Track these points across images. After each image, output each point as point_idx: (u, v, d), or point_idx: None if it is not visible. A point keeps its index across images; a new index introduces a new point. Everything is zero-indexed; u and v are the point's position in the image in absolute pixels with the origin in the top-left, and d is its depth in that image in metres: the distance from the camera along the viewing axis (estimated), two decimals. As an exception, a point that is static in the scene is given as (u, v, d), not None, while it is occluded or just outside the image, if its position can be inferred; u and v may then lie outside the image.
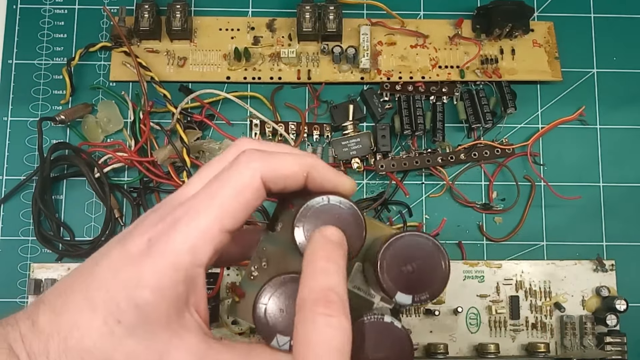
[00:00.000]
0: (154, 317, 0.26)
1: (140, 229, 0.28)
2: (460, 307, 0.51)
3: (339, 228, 0.29)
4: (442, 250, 0.29)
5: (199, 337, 0.27)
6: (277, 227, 0.32)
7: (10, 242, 0.54)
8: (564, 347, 0.51)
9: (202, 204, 0.28)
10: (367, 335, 0.28)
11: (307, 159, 0.30)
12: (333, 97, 0.57)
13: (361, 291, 0.32)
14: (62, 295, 0.28)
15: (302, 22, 0.55)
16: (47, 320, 0.27)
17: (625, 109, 0.58)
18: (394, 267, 0.29)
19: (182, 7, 0.55)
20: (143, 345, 0.26)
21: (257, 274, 0.31)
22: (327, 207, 0.29)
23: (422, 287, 0.29)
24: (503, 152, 0.55)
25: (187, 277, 0.27)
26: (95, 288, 0.27)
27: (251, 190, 0.28)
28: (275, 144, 0.32)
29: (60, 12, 0.58)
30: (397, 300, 0.29)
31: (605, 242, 0.55)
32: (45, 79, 0.57)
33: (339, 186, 0.30)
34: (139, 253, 0.27)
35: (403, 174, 0.56)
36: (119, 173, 0.55)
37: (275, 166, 0.29)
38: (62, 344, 0.26)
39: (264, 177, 0.28)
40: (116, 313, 0.26)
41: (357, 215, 0.29)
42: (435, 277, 0.29)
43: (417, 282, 0.29)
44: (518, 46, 0.57)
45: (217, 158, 0.31)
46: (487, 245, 0.55)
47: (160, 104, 0.55)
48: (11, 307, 0.52)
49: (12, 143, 0.56)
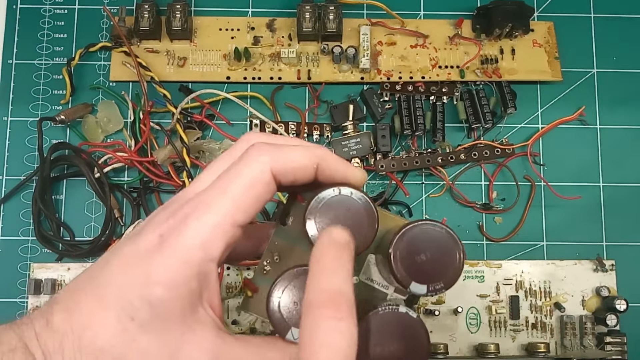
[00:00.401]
0: (167, 314, 0.26)
1: (151, 225, 0.28)
2: (460, 307, 0.51)
3: (351, 219, 0.29)
4: (456, 239, 0.29)
5: (213, 332, 0.27)
6: (288, 220, 0.32)
7: (10, 242, 0.54)
8: (564, 347, 0.51)
9: (212, 198, 0.28)
10: (382, 326, 0.28)
11: (317, 151, 0.29)
12: (333, 97, 0.57)
13: (374, 283, 0.32)
14: (74, 294, 0.28)
15: (302, 22, 0.55)
16: (60, 320, 0.27)
17: (625, 109, 0.58)
18: (407, 257, 0.28)
19: (182, 7, 0.55)
20: (157, 342, 0.26)
21: (269, 269, 0.31)
22: (338, 198, 0.29)
23: (437, 276, 0.28)
24: (503, 152, 0.55)
25: (200, 272, 0.27)
26: (107, 286, 0.27)
27: (262, 184, 0.28)
28: (284, 137, 0.32)
29: (60, 12, 0.58)
30: (411, 291, 0.28)
31: (605, 242, 0.55)
32: (45, 79, 0.57)
33: (349, 177, 0.30)
34: (150, 249, 0.27)
35: (403, 174, 0.56)
36: (119, 173, 0.55)
37: (285, 159, 0.28)
38: (76, 343, 0.26)
39: (274, 170, 0.28)
40: (129, 310, 0.26)
41: (369, 206, 0.29)
42: (450, 266, 0.28)
43: (431, 271, 0.28)
44: (518, 46, 0.57)
45: (226, 153, 0.30)
46: (487, 245, 0.55)
47: (160, 104, 0.55)
48: (11, 307, 0.52)
49: (12, 143, 0.56)
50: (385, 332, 0.28)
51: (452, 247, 0.29)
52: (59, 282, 0.51)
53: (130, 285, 0.27)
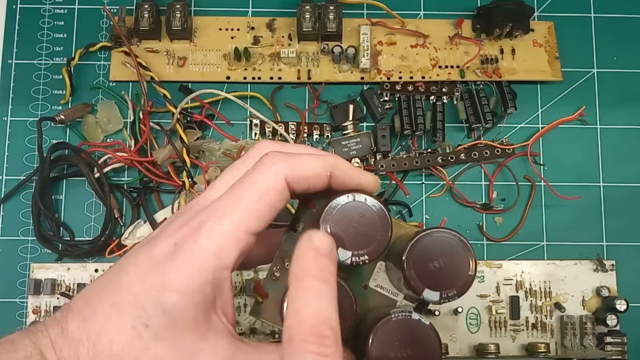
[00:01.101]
0: (182, 321, 0.26)
1: (165, 233, 0.28)
2: (460, 307, 0.51)
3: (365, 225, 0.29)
4: (469, 246, 0.29)
5: (227, 340, 0.27)
6: (298, 227, 0.32)
7: (10, 242, 0.54)
8: (564, 347, 0.51)
9: (227, 206, 0.28)
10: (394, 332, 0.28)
11: (330, 159, 0.30)
12: (333, 97, 0.57)
13: (384, 290, 0.32)
14: (89, 302, 0.28)
15: (302, 22, 0.55)
16: (76, 327, 0.27)
17: (625, 109, 0.58)
18: (420, 264, 0.29)
19: (182, 7, 0.55)
20: (171, 350, 0.26)
21: (279, 275, 0.32)
22: (353, 204, 0.29)
23: (450, 283, 0.29)
24: (503, 152, 0.55)
25: (214, 280, 0.27)
26: (122, 293, 0.27)
27: (275, 192, 0.28)
28: (297, 145, 0.32)
29: (60, 12, 0.58)
30: (424, 298, 0.29)
31: (605, 242, 0.55)
32: (45, 79, 0.57)
33: (362, 184, 0.30)
34: (164, 257, 0.27)
35: (403, 174, 0.56)
36: (118, 173, 0.55)
37: (298, 167, 0.29)
38: (91, 350, 0.26)
39: (287, 179, 0.28)
40: (144, 317, 0.26)
41: (383, 213, 0.29)
42: (462, 274, 0.29)
43: (444, 278, 0.29)
44: (518, 46, 0.57)
45: (239, 161, 0.31)
46: (487, 245, 0.55)
47: (160, 104, 0.55)
48: (11, 307, 0.52)
49: (12, 143, 0.56)
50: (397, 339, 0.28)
51: (464, 255, 0.29)
52: (58, 282, 0.51)
53: (145, 292, 0.27)
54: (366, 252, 0.29)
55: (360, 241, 0.29)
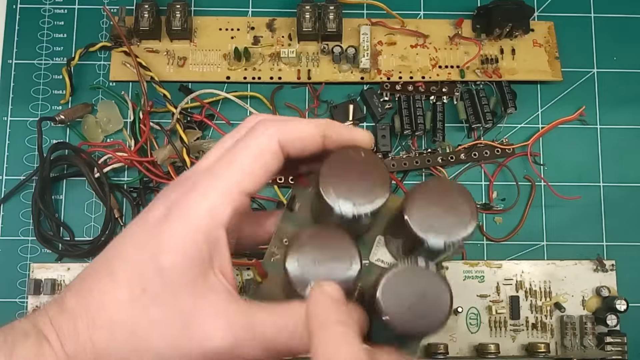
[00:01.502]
0: (178, 282, 0.26)
1: (159, 200, 0.29)
2: (460, 307, 0.51)
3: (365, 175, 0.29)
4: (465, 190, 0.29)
5: (226, 299, 0.27)
6: (295, 206, 0.32)
7: (10, 242, 0.54)
8: (564, 347, 0.51)
9: (220, 168, 0.28)
10: (402, 280, 0.27)
11: (322, 121, 0.30)
12: (333, 97, 0.57)
13: (385, 263, 0.32)
14: (86, 278, 0.28)
15: (302, 22, 0.55)
16: (74, 302, 0.27)
17: (625, 109, 0.58)
18: (422, 208, 0.28)
19: (182, 7, 0.55)
20: (170, 312, 0.26)
21: (278, 254, 0.32)
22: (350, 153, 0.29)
23: (454, 229, 0.28)
24: (503, 152, 0.55)
25: (209, 239, 0.27)
26: (118, 262, 0.27)
27: (269, 154, 0.28)
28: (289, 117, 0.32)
29: (60, 12, 0.58)
30: (429, 245, 0.28)
31: (605, 242, 0.55)
32: (45, 79, 0.57)
33: (357, 139, 0.30)
34: (158, 221, 0.27)
35: (403, 174, 0.56)
36: (118, 173, 0.55)
37: (291, 129, 0.29)
38: (90, 324, 0.26)
39: (281, 141, 0.28)
40: (140, 282, 0.26)
41: (378, 160, 0.29)
42: (465, 219, 0.29)
43: (447, 225, 0.28)
44: (518, 46, 0.57)
45: (232, 132, 0.31)
46: (487, 245, 0.55)
47: (160, 104, 0.55)
48: (11, 307, 0.52)
49: (12, 143, 0.56)
50: (406, 285, 0.27)
51: (465, 199, 0.29)
52: (58, 282, 0.51)
53: (140, 257, 0.27)
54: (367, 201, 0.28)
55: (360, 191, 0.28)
